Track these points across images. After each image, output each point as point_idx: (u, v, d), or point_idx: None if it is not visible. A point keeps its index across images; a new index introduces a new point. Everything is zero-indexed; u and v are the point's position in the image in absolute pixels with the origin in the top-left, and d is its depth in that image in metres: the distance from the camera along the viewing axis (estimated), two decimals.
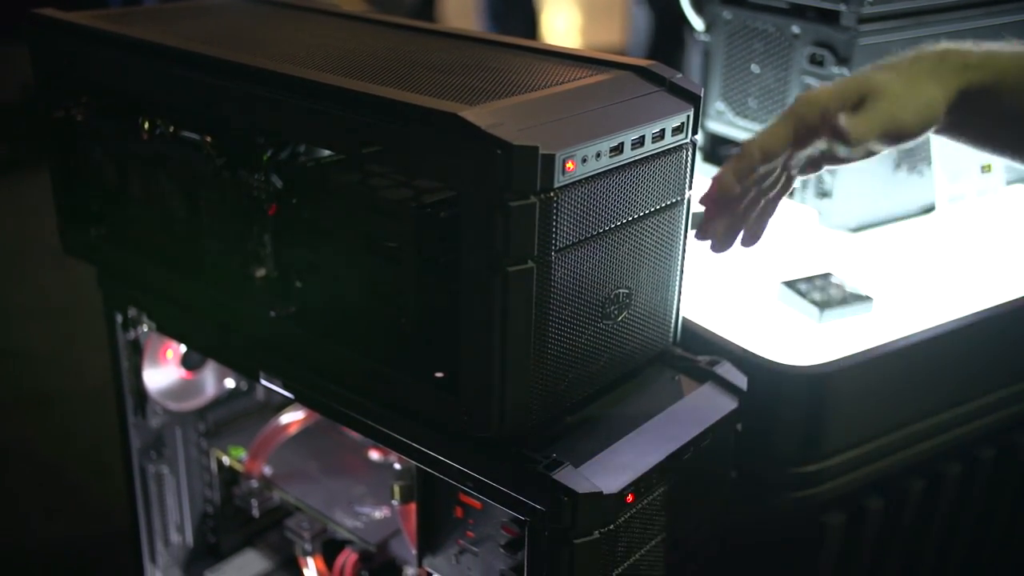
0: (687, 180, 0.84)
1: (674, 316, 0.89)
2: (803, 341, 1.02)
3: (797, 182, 1.34)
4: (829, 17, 1.23)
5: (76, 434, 2.14)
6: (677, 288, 0.88)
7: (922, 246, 1.25)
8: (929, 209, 1.32)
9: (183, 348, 1.18)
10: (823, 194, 1.29)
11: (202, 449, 1.25)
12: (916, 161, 1.31)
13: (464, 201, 0.71)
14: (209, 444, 1.25)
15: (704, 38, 1.42)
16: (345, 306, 0.90)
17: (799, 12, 1.27)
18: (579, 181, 0.73)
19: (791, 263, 1.18)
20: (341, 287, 0.89)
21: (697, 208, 0.82)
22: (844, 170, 1.27)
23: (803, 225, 1.30)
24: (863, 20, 1.20)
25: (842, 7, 1.21)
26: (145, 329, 1.12)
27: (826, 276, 1.12)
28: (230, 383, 1.24)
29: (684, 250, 0.87)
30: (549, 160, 0.69)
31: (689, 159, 0.83)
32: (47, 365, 2.44)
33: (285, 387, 0.96)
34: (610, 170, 0.75)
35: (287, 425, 1.19)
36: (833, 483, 1.01)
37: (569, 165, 0.71)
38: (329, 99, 0.79)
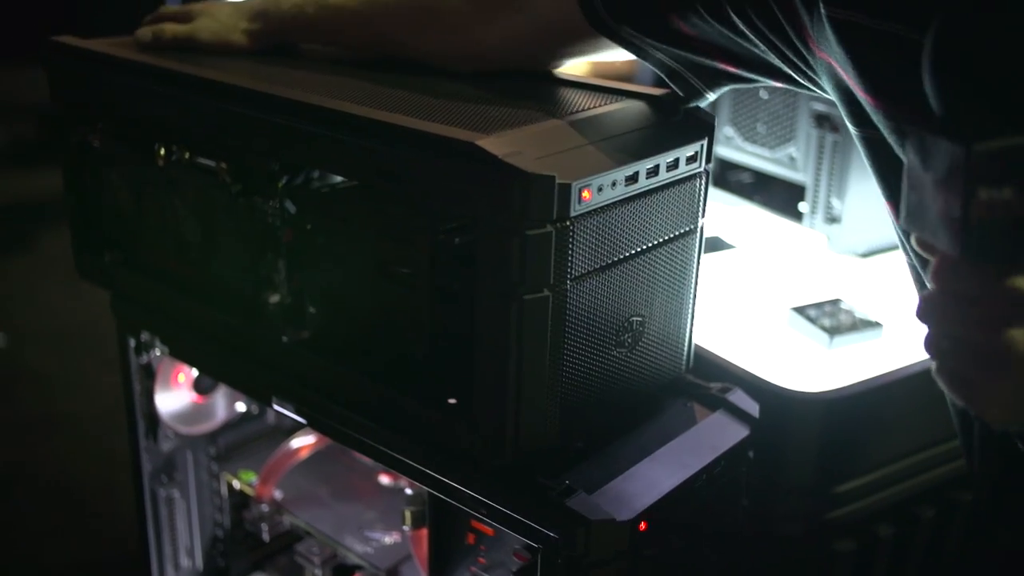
0: (700, 208, 0.85)
1: (687, 343, 0.90)
2: (813, 367, 1.03)
3: (806, 207, 1.35)
4: None
5: (86, 456, 2.15)
6: (690, 315, 0.88)
7: None
8: None
9: (195, 372, 1.18)
10: (832, 219, 1.30)
11: (213, 473, 1.26)
12: None
13: (480, 229, 0.72)
14: (220, 468, 1.25)
15: None
16: (358, 332, 0.90)
17: None
18: (595, 210, 0.73)
19: (800, 289, 1.19)
20: (354, 313, 0.90)
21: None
22: (853, 195, 1.28)
23: (812, 250, 1.30)
24: None
25: None
26: (158, 353, 1.13)
27: (836, 302, 1.12)
28: (241, 407, 1.25)
29: (697, 278, 0.88)
30: (565, 189, 0.70)
31: (702, 188, 0.84)
32: (57, 386, 2.45)
33: (297, 412, 0.96)
34: (625, 199, 0.76)
35: (298, 449, 1.20)
36: (844, 510, 1.01)
37: (585, 194, 0.72)
38: (346, 127, 0.80)
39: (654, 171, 0.78)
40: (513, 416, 0.75)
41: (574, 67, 0.95)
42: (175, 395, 1.19)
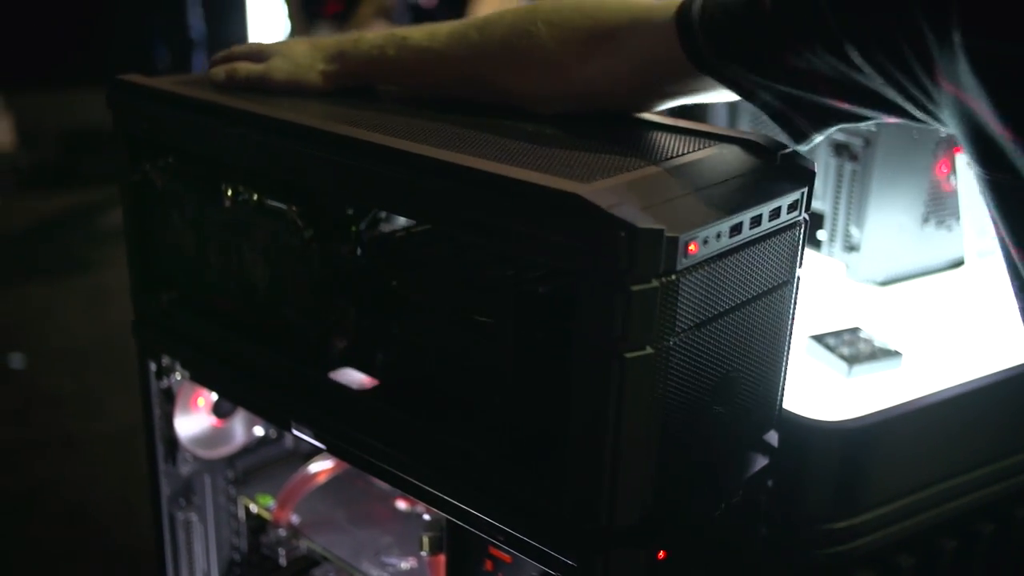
0: (799, 258, 0.82)
1: (779, 398, 0.87)
2: (832, 396, 1.02)
3: (824, 235, 1.35)
4: None
5: (103, 478, 2.15)
6: (783, 369, 0.86)
7: (951, 300, 1.25)
8: (958, 263, 1.32)
9: (214, 396, 1.19)
10: (851, 248, 1.30)
11: (230, 497, 1.26)
12: (945, 215, 1.31)
13: (581, 282, 0.69)
14: (237, 492, 1.26)
15: None
16: (431, 381, 0.89)
17: None
18: (700, 263, 0.71)
19: (819, 317, 1.18)
20: (428, 362, 0.88)
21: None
22: (872, 223, 1.27)
23: (831, 278, 1.30)
24: None
25: None
26: (178, 377, 1.14)
27: (855, 331, 1.12)
28: (259, 431, 1.25)
29: (792, 331, 0.85)
30: (673, 243, 0.67)
31: (801, 237, 0.81)
32: (74, 408, 2.46)
33: (316, 437, 0.97)
34: (729, 250, 0.73)
35: (315, 474, 1.20)
36: (864, 540, 1.00)
37: (692, 247, 0.69)
38: (433, 173, 0.77)
39: (757, 221, 0.75)
40: (610, 479, 0.72)
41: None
42: (194, 419, 1.19)
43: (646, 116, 0.92)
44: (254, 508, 1.23)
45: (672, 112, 0.94)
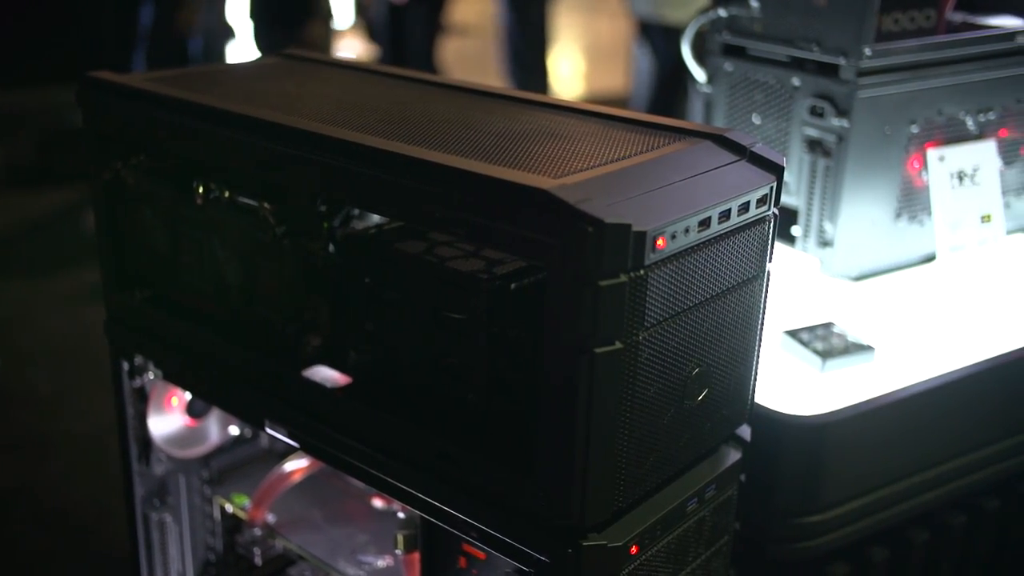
0: (768, 253, 0.83)
1: (751, 392, 0.87)
2: (806, 391, 1.03)
3: (798, 230, 1.36)
4: (828, 70, 1.25)
5: (82, 478, 2.14)
6: (754, 364, 0.86)
7: (923, 295, 1.26)
8: (930, 258, 1.33)
9: (188, 395, 1.18)
10: (824, 243, 1.31)
11: (205, 497, 1.25)
12: (917, 211, 1.32)
13: (551, 279, 0.69)
14: (212, 492, 1.25)
15: (706, 89, 1.44)
16: (404, 378, 0.88)
17: (799, 65, 1.30)
18: (668, 257, 0.71)
19: (794, 312, 1.19)
20: (400, 358, 0.88)
21: None
22: (845, 219, 1.28)
23: (805, 274, 1.31)
24: (862, 73, 1.22)
25: (841, 60, 1.23)
26: (151, 377, 1.13)
27: (828, 326, 1.12)
28: (234, 430, 1.24)
29: (762, 325, 0.85)
30: (641, 237, 0.68)
31: (771, 231, 0.82)
32: (54, 408, 2.44)
33: (290, 436, 0.96)
34: (697, 245, 0.74)
35: (291, 473, 1.19)
36: (837, 534, 1.01)
37: (660, 242, 0.69)
38: (405, 170, 0.77)
39: (725, 215, 0.76)
40: (581, 474, 0.72)
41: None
42: (168, 419, 1.18)
43: (616, 112, 0.92)
44: (229, 508, 1.22)
45: (647, 106, 0.94)
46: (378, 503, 1.20)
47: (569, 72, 5.86)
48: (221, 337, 1.02)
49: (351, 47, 5.20)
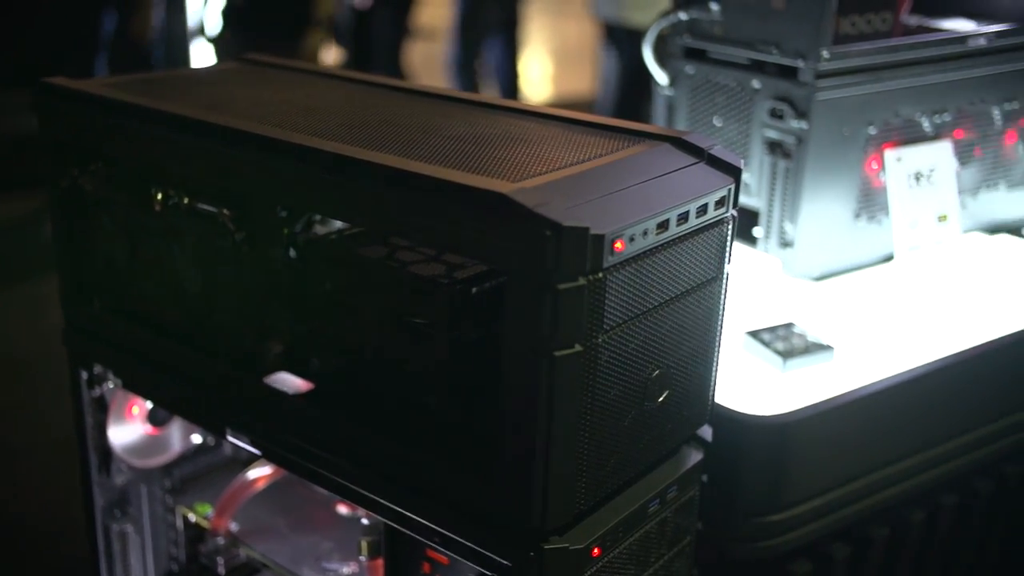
0: (727, 254, 0.83)
1: (711, 393, 0.88)
2: (768, 391, 1.04)
3: (760, 231, 1.37)
4: (788, 73, 1.27)
5: (41, 488, 2.10)
6: (715, 365, 0.87)
7: (882, 295, 1.27)
8: (889, 258, 1.35)
9: (149, 404, 1.17)
10: (786, 244, 1.32)
11: (167, 506, 1.24)
12: (875, 211, 1.34)
13: (510, 283, 0.69)
14: (175, 501, 1.23)
15: (668, 92, 1.45)
16: (366, 383, 0.88)
17: (759, 67, 1.31)
18: (627, 260, 0.71)
19: (756, 312, 1.20)
20: (362, 364, 0.88)
21: None
22: (805, 219, 1.30)
23: (767, 275, 1.32)
24: (820, 76, 1.24)
25: (800, 63, 1.25)
26: (111, 386, 1.11)
27: (789, 326, 1.14)
28: (197, 438, 1.23)
29: (721, 326, 0.86)
30: (599, 240, 0.68)
31: (729, 233, 0.82)
32: (11, 417, 2.41)
33: (253, 444, 0.96)
34: (656, 247, 0.74)
35: (254, 480, 1.18)
36: (799, 532, 1.02)
37: (618, 245, 0.70)
38: (364, 175, 0.77)
39: (684, 217, 0.76)
40: (542, 478, 0.72)
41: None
42: (129, 428, 1.17)
43: (577, 115, 0.93)
44: (192, 517, 1.21)
45: (613, 108, 0.94)
46: (342, 510, 1.19)
47: (537, 74, 5.87)
48: (182, 345, 1.01)
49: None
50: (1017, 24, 1.40)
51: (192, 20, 3.74)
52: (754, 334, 1.12)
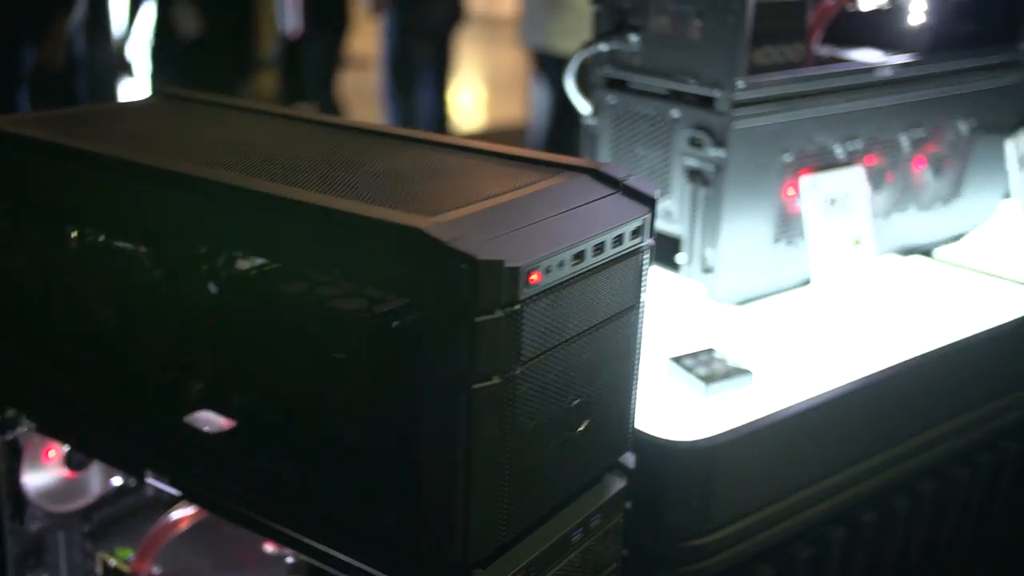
0: (643, 283, 0.84)
1: (631, 421, 0.88)
2: (692, 416, 1.05)
3: (683, 257, 1.40)
4: (705, 102, 1.30)
5: None
6: (634, 393, 0.88)
7: (800, 318, 1.31)
8: (807, 282, 1.39)
9: (66, 447, 1.13)
10: (707, 269, 1.35)
11: (86, 552, 1.20)
12: (793, 236, 1.37)
13: (427, 316, 0.70)
14: (94, 546, 1.20)
15: (591, 121, 1.48)
16: (287, 421, 0.87)
17: (678, 97, 1.34)
18: (543, 292, 0.72)
19: (680, 338, 1.22)
20: (283, 400, 0.87)
21: None
22: (725, 245, 1.32)
23: (690, 300, 1.34)
24: (736, 105, 1.27)
25: (716, 93, 1.28)
26: (24, 430, 1.08)
27: (710, 351, 1.16)
28: (117, 480, 1.20)
29: (639, 355, 0.87)
30: (514, 273, 0.69)
31: (645, 262, 0.84)
32: None
33: (173, 485, 0.94)
34: (572, 278, 0.75)
35: (177, 521, 1.15)
36: (724, 555, 1.04)
37: (534, 277, 0.70)
38: (280, 211, 0.77)
39: (599, 248, 0.77)
40: (463, 511, 0.72)
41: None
42: (45, 472, 1.13)
43: (497, 148, 0.94)
44: (112, 562, 1.18)
45: (544, 137, 0.95)
46: (269, 548, 1.17)
47: (470, 103, 5.90)
48: (98, 385, 0.98)
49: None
50: (921, 55, 1.46)
51: (116, 51, 3.67)
52: (677, 360, 1.14)
